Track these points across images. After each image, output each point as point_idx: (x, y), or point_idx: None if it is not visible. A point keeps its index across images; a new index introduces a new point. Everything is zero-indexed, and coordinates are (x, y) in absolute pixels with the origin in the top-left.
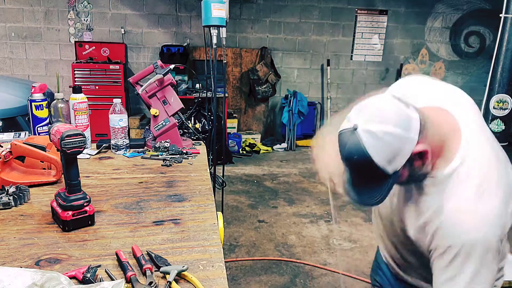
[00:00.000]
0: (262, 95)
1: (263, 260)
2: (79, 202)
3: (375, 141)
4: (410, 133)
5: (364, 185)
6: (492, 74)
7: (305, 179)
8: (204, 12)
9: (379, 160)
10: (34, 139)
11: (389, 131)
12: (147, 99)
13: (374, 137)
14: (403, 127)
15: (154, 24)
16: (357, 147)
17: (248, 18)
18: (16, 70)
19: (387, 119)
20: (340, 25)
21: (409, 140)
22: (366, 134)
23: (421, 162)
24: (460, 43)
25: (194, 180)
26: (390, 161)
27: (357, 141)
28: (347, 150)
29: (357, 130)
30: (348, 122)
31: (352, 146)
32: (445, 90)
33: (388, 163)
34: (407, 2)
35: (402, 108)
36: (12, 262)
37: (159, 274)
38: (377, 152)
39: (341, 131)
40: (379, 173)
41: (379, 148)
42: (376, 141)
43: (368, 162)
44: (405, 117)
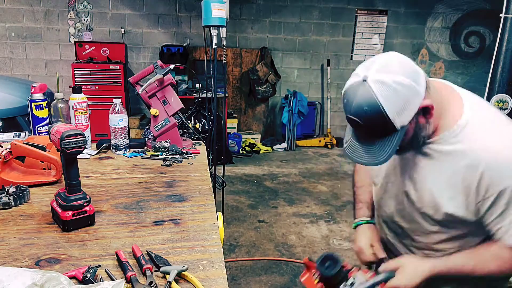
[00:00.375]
0: (262, 95)
1: (263, 260)
2: (79, 202)
3: (387, 91)
4: (419, 86)
5: (370, 143)
6: (492, 74)
7: (305, 179)
8: (204, 12)
9: (390, 111)
10: (34, 139)
11: (400, 80)
12: (147, 99)
13: (385, 87)
14: (413, 78)
15: (154, 24)
16: (368, 98)
17: (248, 18)
18: (16, 70)
19: (397, 69)
20: (340, 25)
21: (418, 92)
22: (377, 84)
23: (425, 119)
24: (460, 43)
25: (194, 180)
26: (399, 113)
27: (368, 92)
28: (356, 102)
29: (367, 81)
30: (356, 77)
31: (362, 97)
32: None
33: (398, 115)
34: (407, 2)
35: (410, 62)
36: (12, 262)
37: (159, 274)
38: (388, 102)
39: (348, 87)
40: (388, 127)
41: (390, 98)
42: (388, 91)
43: (379, 113)
44: (414, 70)
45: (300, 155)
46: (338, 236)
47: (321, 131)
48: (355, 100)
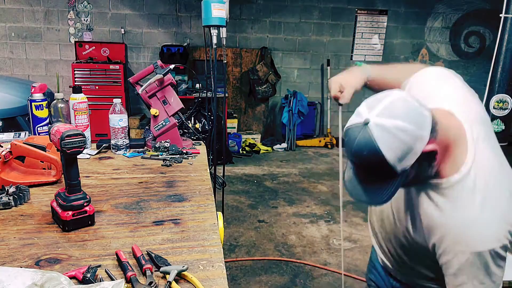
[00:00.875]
0: (262, 95)
1: (263, 260)
2: (79, 202)
3: (388, 137)
4: (422, 131)
5: (370, 184)
6: (492, 74)
7: (305, 179)
8: (204, 12)
9: (390, 157)
10: (34, 139)
11: (402, 127)
12: (147, 99)
13: (386, 132)
14: (416, 124)
15: (154, 24)
16: (367, 143)
17: (248, 18)
18: (16, 70)
19: (400, 114)
20: (340, 25)
21: (421, 138)
22: (378, 129)
23: (429, 163)
24: (460, 43)
25: (194, 180)
26: (400, 159)
27: (368, 136)
28: (356, 145)
29: (369, 124)
30: (358, 117)
31: (362, 141)
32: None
33: (398, 160)
34: (407, 2)
35: (416, 105)
36: (12, 262)
37: (159, 274)
38: (388, 148)
39: (349, 126)
40: (388, 171)
41: (391, 144)
42: (389, 137)
43: (378, 158)
44: (419, 114)
45: (300, 155)
46: (338, 236)
47: (321, 131)
48: (355, 143)
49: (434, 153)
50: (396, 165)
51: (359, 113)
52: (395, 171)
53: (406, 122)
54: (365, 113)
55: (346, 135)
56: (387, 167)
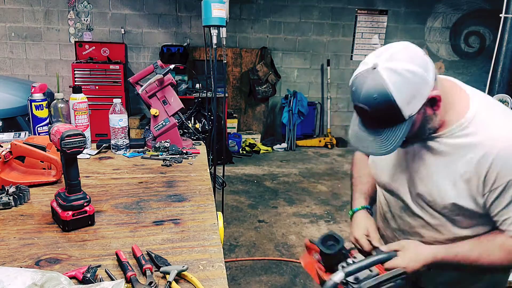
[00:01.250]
0: (262, 95)
1: (263, 260)
2: (79, 202)
3: (398, 78)
4: (428, 75)
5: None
6: (492, 74)
7: (305, 179)
8: (204, 12)
9: (399, 99)
10: (34, 139)
11: (411, 69)
12: (147, 99)
13: (396, 74)
14: (423, 67)
15: (154, 24)
16: (377, 85)
17: (248, 18)
18: (16, 70)
19: (408, 58)
20: (340, 25)
21: (427, 82)
22: (388, 72)
23: (433, 111)
24: (460, 43)
25: (194, 180)
26: (409, 102)
27: (378, 79)
28: (365, 89)
29: (377, 68)
30: (365, 65)
31: (372, 85)
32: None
33: (407, 103)
34: (407, 2)
35: (421, 51)
36: (12, 262)
37: (159, 274)
38: (398, 90)
39: (357, 74)
40: (396, 116)
41: (400, 86)
42: (399, 78)
43: (388, 101)
44: (424, 60)
45: (300, 155)
46: None
47: (321, 131)
48: (364, 88)
49: (437, 100)
50: (404, 108)
51: (366, 62)
52: (403, 115)
53: (415, 65)
54: (372, 60)
55: (354, 84)
56: (396, 110)
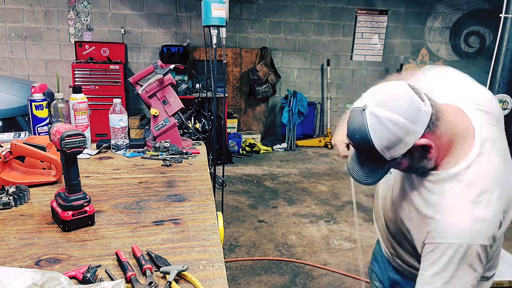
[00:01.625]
0: (262, 95)
1: (263, 260)
2: (79, 202)
3: (378, 126)
4: (415, 125)
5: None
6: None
7: (305, 179)
8: (204, 12)
9: (378, 144)
10: (34, 139)
11: (394, 119)
12: (147, 99)
13: (378, 122)
14: (409, 118)
15: (154, 24)
16: (360, 127)
17: (248, 18)
18: (16, 70)
19: (396, 107)
20: (340, 25)
21: (412, 132)
22: (372, 117)
23: (423, 156)
24: (460, 43)
25: (194, 180)
26: (389, 148)
27: (362, 122)
28: (351, 127)
29: (365, 111)
30: (360, 101)
31: (356, 125)
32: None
33: (387, 149)
34: (407, 2)
35: (415, 99)
36: (12, 262)
37: (159, 274)
38: (377, 136)
39: (353, 108)
40: (377, 157)
41: (380, 133)
42: (379, 126)
43: (367, 143)
44: (415, 109)
45: (300, 155)
46: (338, 236)
47: (321, 131)
48: (351, 125)
49: (427, 147)
50: (385, 153)
51: (362, 98)
52: (384, 157)
53: (400, 115)
54: (366, 99)
55: (350, 116)
56: (376, 152)
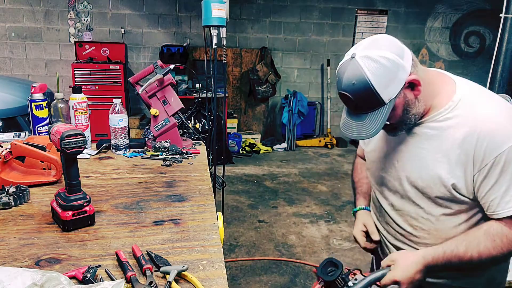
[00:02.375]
0: (262, 95)
1: (263, 260)
2: (79, 202)
3: (373, 64)
4: (404, 60)
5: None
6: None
7: (305, 179)
8: (204, 12)
9: (376, 83)
10: (34, 139)
11: (385, 55)
12: (147, 99)
13: (372, 61)
14: (398, 54)
15: (154, 24)
16: (355, 72)
17: (248, 18)
18: (16, 70)
19: (382, 45)
20: (340, 25)
21: (403, 67)
22: (364, 59)
23: (413, 95)
24: (460, 43)
25: (194, 180)
26: (386, 86)
27: (355, 67)
28: (346, 77)
29: (355, 57)
30: (346, 56)
31: (351, 72)
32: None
33: (384, 87)
34: (407, 2)
35: (397, 41)
36: (12, 262)
37: (159, 274)
38: (374, 74)
39: (339, 65)
40: (376, 99)
41: (376, 71)
42: (374, 64)
43: (366, 86)
44: (400, 47)
45: (300, 155)
46: (338, 236)
47: (321, 131)
48: (344, 76)
49: (416, 84)
50: (382, 93)
51: (347, 53)
52: (382, 99)
53: (389, 51)
54: (351, 51)
55: (337, 73)
56: (374, 94)
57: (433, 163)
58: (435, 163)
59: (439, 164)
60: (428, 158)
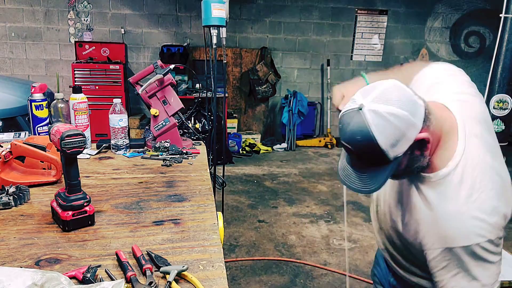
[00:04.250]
0: (262, 95)
1: (263, 260)
2: (79, 202)
3: (381, 122)
4: (415, 118)
5: (363, 170)
6: (492, 74)
7: (305, 179)
8: (204, 12)
9: (383, 142)
10: (34, 139)
11: (395, 112)
12: (147, 99)
13: (380, 117)
14: (409, 110)
15: (154, 24)
16: (361, 127)
17: (248, 18)
18: (16, 70)
19: (394, 100)
20: (340, 25)
21: (413, 125)
22: (372, 114)
23: (421, 152)
24: (460, 43)
25: (194, 180)
26: (393, 145)
27: (361, 121)
28: (350, 130)
29: (363, 110)
30: (353, 103)
31: (356, 126)
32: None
33: (391, 146)
34: (407, 2)
35: (409, 92)
36: (12, 262)
37: (159, 274)
38: (381, 133)
39: (344, 112)
40: (381, 157)
41: (384, 129)
42: (382, 122)
43: (371, 143)
44: (412, 102)
45: (300, 155)
46: (338, 236)
47: (321, 131)
48: (349, 128)
49: (426, 142)
50: (389, 151)
51: (354, 100)
52: (387, 157)
53: (400, 108)
54: (359, 99)
55: (341, 121)
56: (379, 152)
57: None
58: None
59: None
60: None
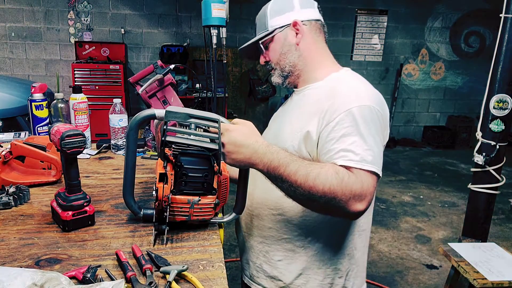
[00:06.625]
0: (262, 95)
1: None
2: (79, 202)
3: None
4: (300, 7)
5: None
6: (492, 74)
7: None
8: (204, 12)
9: (270, 9)
10: (34, 139)
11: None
12: (147, 99)
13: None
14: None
15: (154, 24)
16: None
17: (248, 18)
18: (16, 70)
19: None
20: (340, 25)
21: (296, 10)
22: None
23: (295, 41)
24: (460, 43)
25: None
26: (274, 15)
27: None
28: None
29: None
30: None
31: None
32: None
33: (272, 16)
34: (407, 2)
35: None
36: (12, 262)
37: (159, 274)
38: (274, 2)
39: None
40: (263, 24)
41: (277, 0)
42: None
43: (264, 10)
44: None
45: None
46: None
47: None
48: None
49: (297, 31)
50: (271, 19)
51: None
52: (267, 25)
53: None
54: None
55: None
56: (264, 19)
57: (295, 117)
58: (297, 117)
59: (301, 117)
60: (291, 115)
